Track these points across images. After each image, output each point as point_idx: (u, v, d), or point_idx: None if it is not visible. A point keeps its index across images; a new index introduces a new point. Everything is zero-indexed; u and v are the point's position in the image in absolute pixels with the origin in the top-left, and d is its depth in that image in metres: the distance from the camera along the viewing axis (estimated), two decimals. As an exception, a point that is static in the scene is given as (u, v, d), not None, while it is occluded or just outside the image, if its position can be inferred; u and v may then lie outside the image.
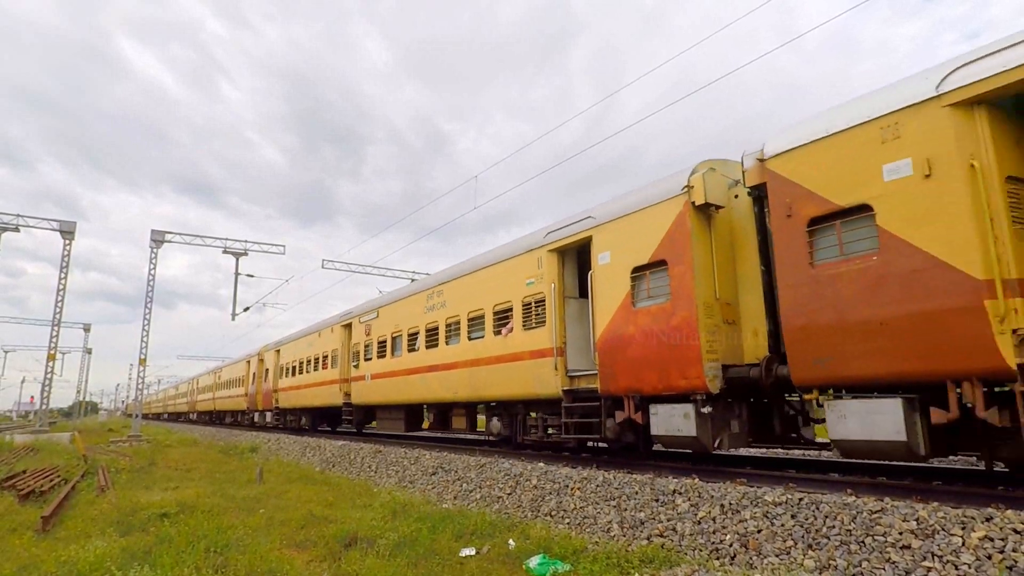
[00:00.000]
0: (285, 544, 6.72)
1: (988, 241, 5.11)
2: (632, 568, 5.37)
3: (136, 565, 5.59)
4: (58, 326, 27.22)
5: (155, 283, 27.83)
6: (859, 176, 5.95)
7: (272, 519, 8.03)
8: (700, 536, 5.81)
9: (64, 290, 27.10)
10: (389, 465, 12.38)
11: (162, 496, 9.92)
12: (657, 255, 8.16)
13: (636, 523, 6.48)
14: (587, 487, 7.48)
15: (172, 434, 30.94)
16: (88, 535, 7.21)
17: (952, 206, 5.30)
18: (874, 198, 5.82)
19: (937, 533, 4.45)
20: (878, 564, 4.52)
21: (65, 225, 27.16)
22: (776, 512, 5.47)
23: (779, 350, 6.99)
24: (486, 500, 8.84)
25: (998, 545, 4.17)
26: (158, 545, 6.44)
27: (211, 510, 8.44)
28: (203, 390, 41.45)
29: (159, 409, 66.90)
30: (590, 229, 9.36)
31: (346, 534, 6.82)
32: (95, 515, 8.55)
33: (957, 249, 5.23)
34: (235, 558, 5.91)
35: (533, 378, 10.07)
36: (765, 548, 5.27)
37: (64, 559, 6.01)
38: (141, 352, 27.50)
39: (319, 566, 5.90)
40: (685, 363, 7.56)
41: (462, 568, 5.73)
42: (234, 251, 29.24)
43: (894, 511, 4.79)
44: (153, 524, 7.70)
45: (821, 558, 4.85)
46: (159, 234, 27.88)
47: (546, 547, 6.15)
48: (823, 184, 6.26)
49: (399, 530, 6.96)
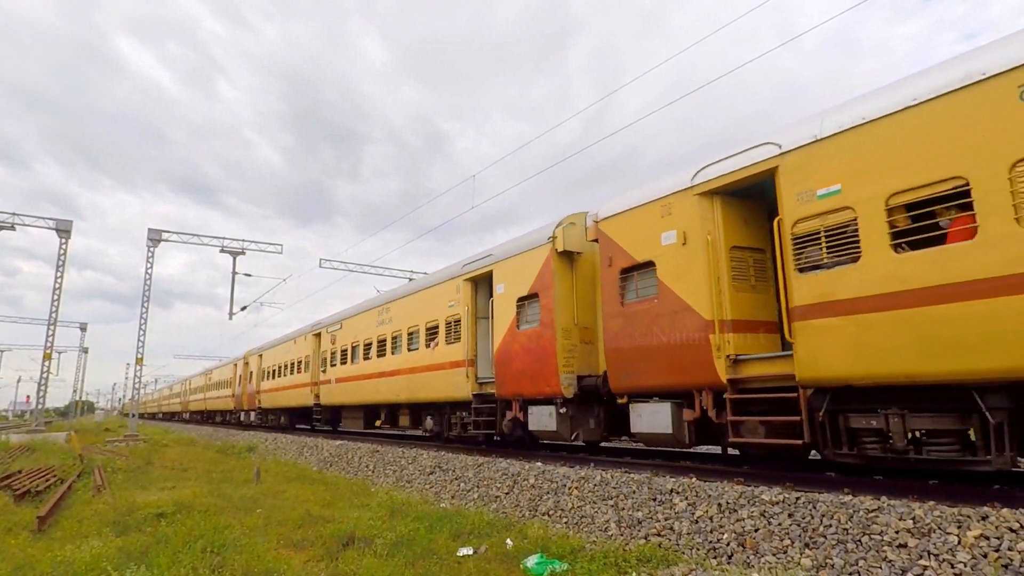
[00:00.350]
0: (282, 544, 6.71)
1: (713, 292, 7.10)
2: (629, 567, 5.37)
3: (132, 565, 5.57)
4: (54, 325, 27.13)
5: (152, 282, 27.76)
6: (649, 240, 8.00)
7: (269, 519, 8.02)
8: (697, 535, 5.82)
9: (60, 289, 27.02)
10: (386, 465, 12.37)
11: (159, 496, 9.89)
12: (533, 289, 10.25)
13: (634, 522, 6.49)
14: (585, 487, 7.49)
15: (169, 434, 30.87)
16: (84, 535, 7.19)
17: (696, 266, 7.33)
18: (656, 256, 7.86)
19: (933, 532, 4.46)
20: (875, 563, 4.54)
21: (61, 224, 27.07)
22: (773, 511, 5.48)
23: None
24: (484, 499, 8.84)
25: (994, 544, 4.18)
26: (154, 545, 6.42)
27: (208, 510, 8.42)
28: (195, 391, 43.94)
29: (154, 409, 67.79)
30: (491, 265, 11.47)
31: (343, 534, 6.81)
32: (91, 515, 8.53)
33: (697, 297, 7.25)
34: (232, 558, 5.90)
35: (452, 384, 12.19)
36: (762, 547, 5.28)
37: (60, 559, 5.99)
38: (138, 351, 27.44)
39: (316, 566, 5.89)
40: (548, 374, 9.63)
41: (460, 567, 5.72)
42: (232, 250, 29.18)
43: (891, 510, 4.81)
44: (149, 524, 7.68)
45: (818, 557, 4.86)
46: (156, 233, 27.81)
47: (544, 546, 6.15)
48: (629, 244, 8.33)
49: (397, 530, 6.95)
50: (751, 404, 6.90)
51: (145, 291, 27.50)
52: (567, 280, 9.92)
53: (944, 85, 5.31)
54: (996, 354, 4.77)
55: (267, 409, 26.20)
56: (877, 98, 5.85)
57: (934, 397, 5.47)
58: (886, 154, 5.59)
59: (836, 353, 5.87)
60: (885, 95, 5.80)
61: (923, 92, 5.44)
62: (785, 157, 6.50)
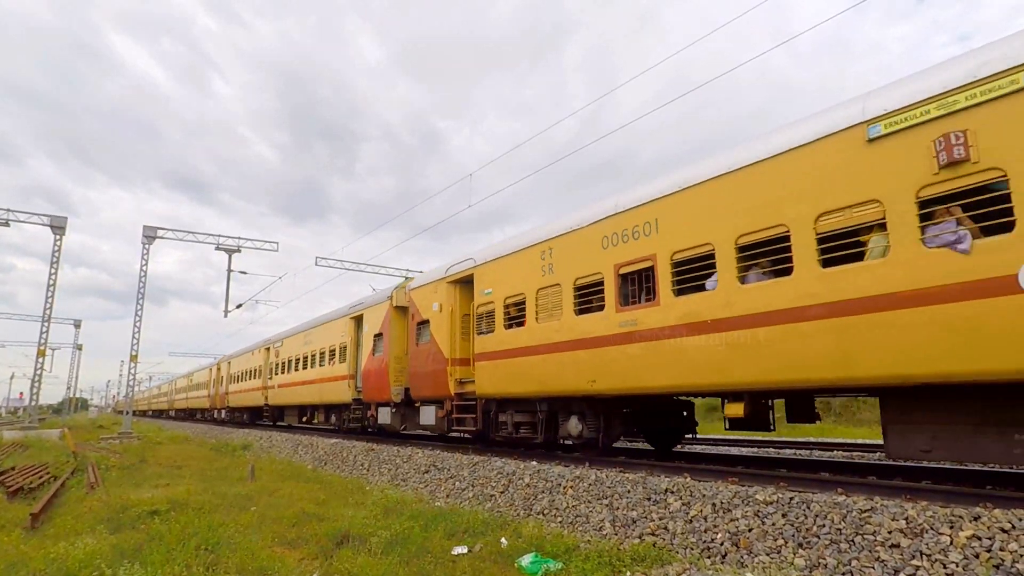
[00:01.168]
0: (277, 542, 6.70)
1: (451, 341, 12.10)
2: (624, 566, 5.39)
3: (126, 563, 5.55)
4: (48, 322, 26.99)
5: (147, 279, 27.63)
6: (428, 306, 13.13)
7: (264, 517, 7.99)
8: (692, 535, 5.83)
9: (55, 286, 26.88)
10: (381, 463, 12.36)
11: (153, 493, 9.85)
12: (380, 329, 15.35)
13: (628, 521, 6.50)
14: (579, 486, 7.50)
15: (163, 431, 30.76)
16: (78, 532, 7.16)
17: (445, 325, 12.33)
18: (430, 317, 12.94)
19: (926, 532, 4.49)
20: (867, 563, 4.56)
21: (56, 220, 26.92)
22: (767, 511, 5.50)
23: None
24: (479, 498, 8.84)
25: (985, 544, 4.21)
26: (148, 543, 6.39)
27: (202, 508, 8.40)
28: (180, 391, 50.41)
29: (144, 407, 69.54)
30: (361, 310, 16.81)
31: (338, 532, 6.80)
32: (85, 512, 8.49)
33: (444, 344, 12.21)
34: (226, 556, 5.89)
35: (341, 391, 17.55)
36: (756, 547, 5.30)
37: (53, 556, 5.95)
38: (133, 348, 27.31)
39: (311, 564, 5.88)
40: (384, 387, 14.66)
41: (454, 566, 5.72)
42: (227, 248, 29.06)
43: (884, 510, 4.83)
44: (143, 521, 7.65)
45: (811, 557, 4.88)
46: (151, 230, 27.67)
47: (538, 545, 6.16)
48: (420, 307, 13.54)
49: (391, 528, 6.94)
50: (466, 408, 11.79)
51: (140, 288, 27.37)
52: (399, 325, 14.72)
53: (515, 246, 10.73)
54: (545, 384, 9.45)
55: (233, 407, 31.49)
56: (505, 245, 10.97)
57: (524, 403, 10.52)
58: (508, 275, 10.62)
59: (489, 380, 10.82)
60: (505, 245, 10.98)
61: (518, 243, 10.58)
62: (476, 268, 11.60)
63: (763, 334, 6.32)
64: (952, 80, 5.14)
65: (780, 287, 6.23)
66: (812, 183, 6.03)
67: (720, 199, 6.95)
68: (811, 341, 5.91)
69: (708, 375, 6.90)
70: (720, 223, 6.89)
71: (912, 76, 5.61)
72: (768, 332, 6.28)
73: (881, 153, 5.53)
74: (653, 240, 7.73)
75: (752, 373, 6.45)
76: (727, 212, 6.82)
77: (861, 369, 5.55)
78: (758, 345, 6.37)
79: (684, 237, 7.33)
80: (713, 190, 7.06)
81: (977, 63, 5.04)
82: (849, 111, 5.89)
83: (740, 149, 6.95)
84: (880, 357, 5.40)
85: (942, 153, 5.04)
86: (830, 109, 6.21)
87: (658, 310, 7.55)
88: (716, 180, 7.04)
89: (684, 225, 7.35)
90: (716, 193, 7.01)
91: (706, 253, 7.06)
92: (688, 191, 7.38)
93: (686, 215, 7.34)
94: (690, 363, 7.10)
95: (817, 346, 5.85)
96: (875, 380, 5.54)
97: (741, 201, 6.70)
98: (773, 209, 6.36)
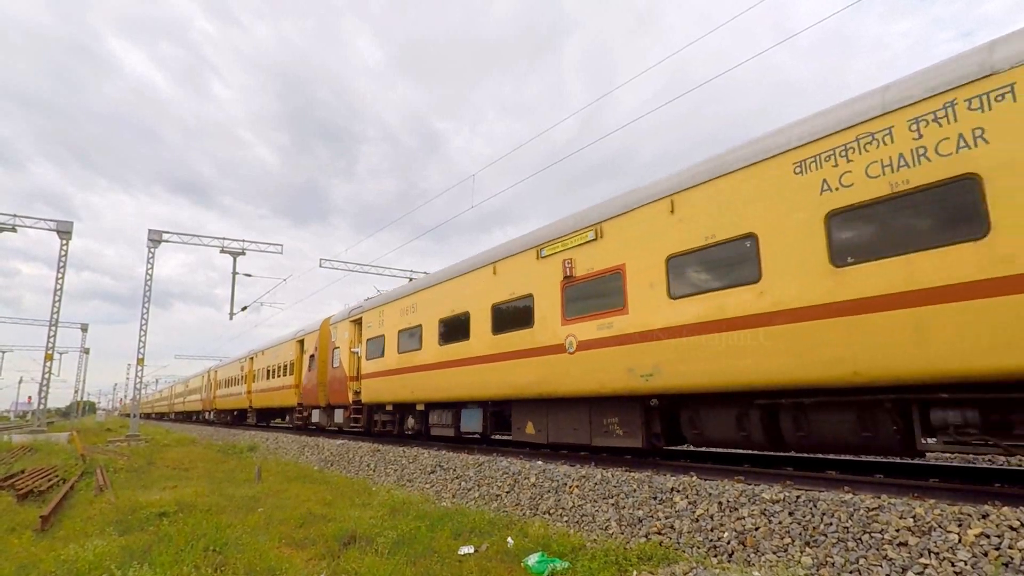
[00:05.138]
0: (284, 543, 6.73)
1: (348, 364, 17.67)
2: (630, 565, 5.38)
3: (135, 564, 5.58)
4: (55, 326, 27.16)
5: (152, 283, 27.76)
6: (339, 337, 18.45)
7: (271, 518, 8.03)
8: (698, 533, 5.83)
9: (61, 290, 27.05)
10: (387, 464, 12.39)
11: (160, 495, 9.91)
12: (314, 352, 20.43)
13: (634, 521, 6.50)
14: (585, 485, 7.50)
15: (170, 434, 30.89)
16: (87, 534, 7.20)
17: (346, 352, 17.84)
18: (340, 345, 18.35)
19: (934, 530, 4.47)
20: (875, 561, 4.54)
21: (62, 225, 27.09)
22: (774, 509, 5.49)
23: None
24: (485, 498, 8.85)
25: (994, 542, 4.19)
26: (157, 544, 6.43)
27: (210, 509, 8.44)
28: (178, 395, 56.20)
29: (148, 410, 73.10)
30: (303, 335, 22.12)
31: (345, 532, 6.82)
32: (94, 514, 8.54)
33: (346, 365, 17.73)
34: (234, 557, 5.91)
35: (289, 397, 23.03)
36: (763, 545, 5.29)
37: (63, 558, 6.00)
38: (139, 352, 27.46)
39: (318, 564, 5.91)
40: (315, 395, 19.93)
41: (461, 566, 5.73)
42: (232, 250, 29.18)
43: (891, 508, 4.82)
44: (152, 523, 7.69)
45: (818, 555, 4.87)
46: (157, 234, 27.81)
47: (545, 545, 6.16)
48: (335, 337, 18.89)
49: (398, 528, 6.96)
50: (359, 411, 17.03)
51: (146, 292, 27.51)
52: (324, 349, 19.68)
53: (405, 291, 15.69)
54: (396, 395, 14.71)
55: (222, 410, 36.42)
56: (376, 300, 16.51)
57: (404, 407, 15.25)
58: (375, 320, 16.29)
59: (367, 392, 16.07)
60: (378, 300, 16.45)
61: (419, 285, 14.71)
62: (363, 313, 16.97)
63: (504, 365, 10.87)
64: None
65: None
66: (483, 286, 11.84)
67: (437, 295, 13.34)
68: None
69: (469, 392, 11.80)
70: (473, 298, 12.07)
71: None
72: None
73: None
74: (424, 310, 13.76)
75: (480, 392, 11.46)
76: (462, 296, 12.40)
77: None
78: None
79: (446, 308, 12.70)
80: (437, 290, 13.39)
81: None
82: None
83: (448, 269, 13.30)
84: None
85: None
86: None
87: (459, 346, 12.17)
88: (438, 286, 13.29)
89: (447, 300, 12.76)
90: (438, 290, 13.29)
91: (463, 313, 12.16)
92: (435, 287, 13.46)
93: (446, 296, 12.85)
94: (458, 384, 11.99)
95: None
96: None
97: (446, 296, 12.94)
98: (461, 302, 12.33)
